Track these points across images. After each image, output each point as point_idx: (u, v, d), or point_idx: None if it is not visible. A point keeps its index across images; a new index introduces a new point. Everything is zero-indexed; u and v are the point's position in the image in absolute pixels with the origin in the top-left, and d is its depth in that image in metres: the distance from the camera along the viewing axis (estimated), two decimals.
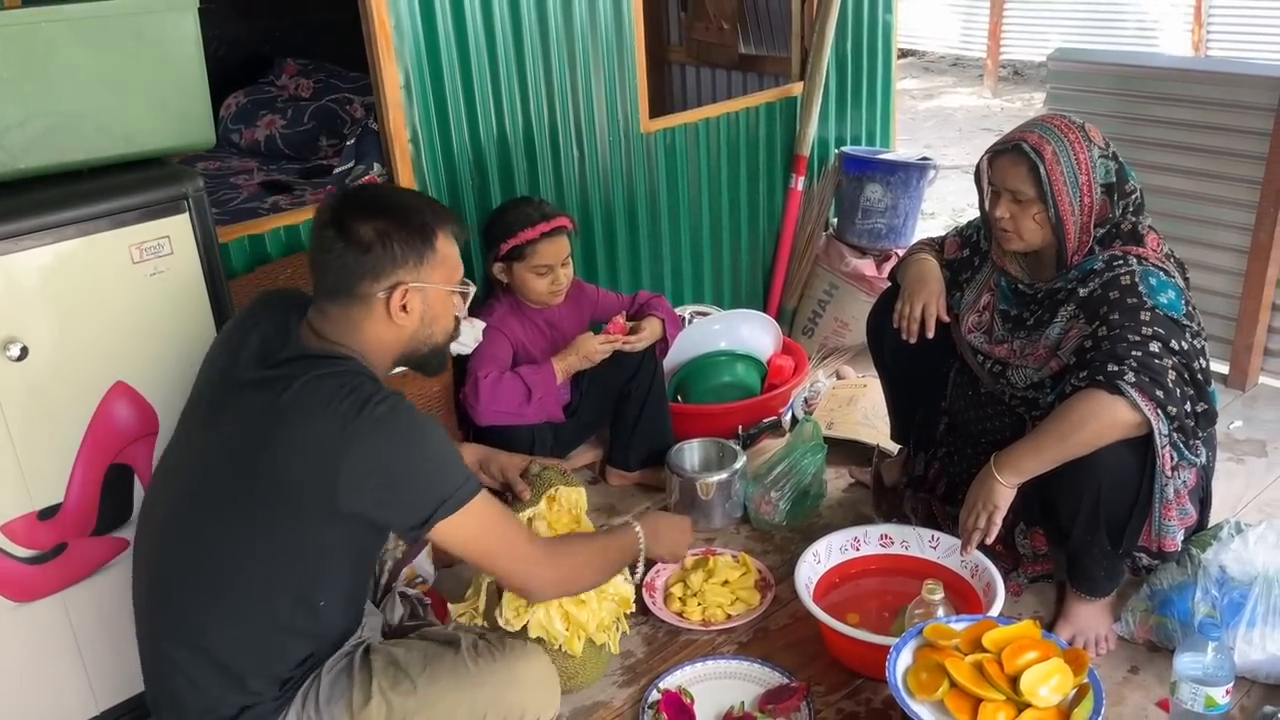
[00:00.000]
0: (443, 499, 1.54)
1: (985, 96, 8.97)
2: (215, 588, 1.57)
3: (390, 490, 1.51)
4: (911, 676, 1.76)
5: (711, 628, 2.33)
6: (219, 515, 1.56)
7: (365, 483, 1.49)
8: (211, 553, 1.57)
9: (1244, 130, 2.99)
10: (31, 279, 1.74)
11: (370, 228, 1.57)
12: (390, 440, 1.49)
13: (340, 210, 1.62)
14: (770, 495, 2.65)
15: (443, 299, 1.67)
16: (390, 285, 1.58)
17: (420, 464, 1.53)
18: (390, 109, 2.58)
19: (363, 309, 1.60)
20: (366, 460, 1.48)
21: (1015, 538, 2.32)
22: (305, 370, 1.53)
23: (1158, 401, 1.89)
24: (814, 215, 3.61)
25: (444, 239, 1.64)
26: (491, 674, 1.70)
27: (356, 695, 1.64)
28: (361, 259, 1.57)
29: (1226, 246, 3.10)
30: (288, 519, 1.53)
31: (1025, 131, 2.09)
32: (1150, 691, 2.08)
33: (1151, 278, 2.00)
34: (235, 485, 1.53)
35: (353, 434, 1.47)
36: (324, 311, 1.62)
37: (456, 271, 1.68)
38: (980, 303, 2.31)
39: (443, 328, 1.70)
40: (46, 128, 1.76)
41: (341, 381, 1.52)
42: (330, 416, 1.48)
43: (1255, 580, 2.04)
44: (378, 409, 1.49)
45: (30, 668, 1.89)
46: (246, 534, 1.54)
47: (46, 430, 1.81)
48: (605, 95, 2.99)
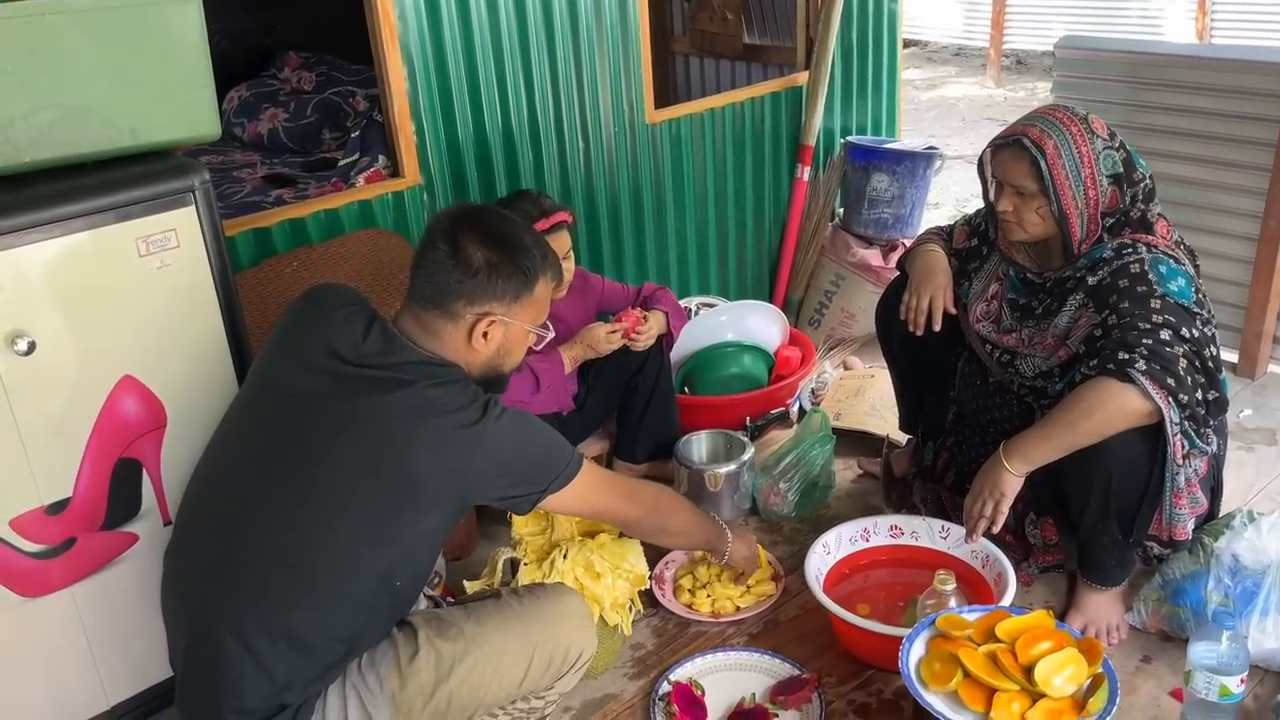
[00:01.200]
0: (554, 477, 1.70)
1: (988, 86, 8.94)
2: (310, 573, 1.58)
3: (510, 481, 1.67)
4: (925, 667, 1.75)
5: (721, 619, 2.32)
6: (328, 503, 1.58)
7: (490, 479, 1.64)
8: (311, 539, 1.58)
9: (1253, 117, 2.97)
10: (38, 273, 1.73)
11: (483, 254, 1.65)
12: (512, 439, 1.64)
13: (459, 225, 1.68)
14: (779, 486, 2.64)
15: (521, 336, 1.75)
16: (481, 313, 1.66)
17: (536, 455, 1.69)
18: (395, 101, 2.57)
19: (448, 324, 1.67)
20: (491, 459, 1.62)
21: (1026, 527, 2.31)
22: (423, 375, 1.61)
23: (1169, 390, 1.88)
24: (820, 205, 3.60)
25: (543, 284, 1.73)
26: (537, 610, 1.77)
27: (403, 650, 1.67)
28: (464, 280, 1.64)
29: (1236, 234, 3.08)
30: (407, 509, 1.59)
31: (1027, 125, 2.07)
32: (1163, 681, 2.07)
33: (1161, 265, 1.99)
34: (354, 476, 1.57)
35: (480, 437, 1.59)
36: (414, 314, 1.69)
37: (542, 313, 1.77)
38: (989, 292, 2.30)
39: (514, 360, 1.78)
40: (51, 121, 1.75)
41: (459, 388, 1.63)
42: (459, 421, 1.58)
43: (1268, 569, 2.03)
44: (496, 413, 1.61)
45: (40, 662, 1.89)
46: (359, 521, 1.58)
47: (54, 425, 1.80)
48: (610, 86, 2.98)
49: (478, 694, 1.70)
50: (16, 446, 1.77)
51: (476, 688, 1.69)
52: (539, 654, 1.73)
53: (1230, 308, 3.11)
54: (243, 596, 1.59)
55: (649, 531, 1.99)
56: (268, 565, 1.59)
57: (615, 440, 2.90)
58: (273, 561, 1.59)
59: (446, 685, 1.67)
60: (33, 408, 1.77)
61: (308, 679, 1.61)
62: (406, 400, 1.58)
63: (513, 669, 1.71)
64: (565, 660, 1.77)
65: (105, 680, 1.98)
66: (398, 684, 1.65)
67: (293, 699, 1.60)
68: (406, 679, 1.65)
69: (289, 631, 1.57)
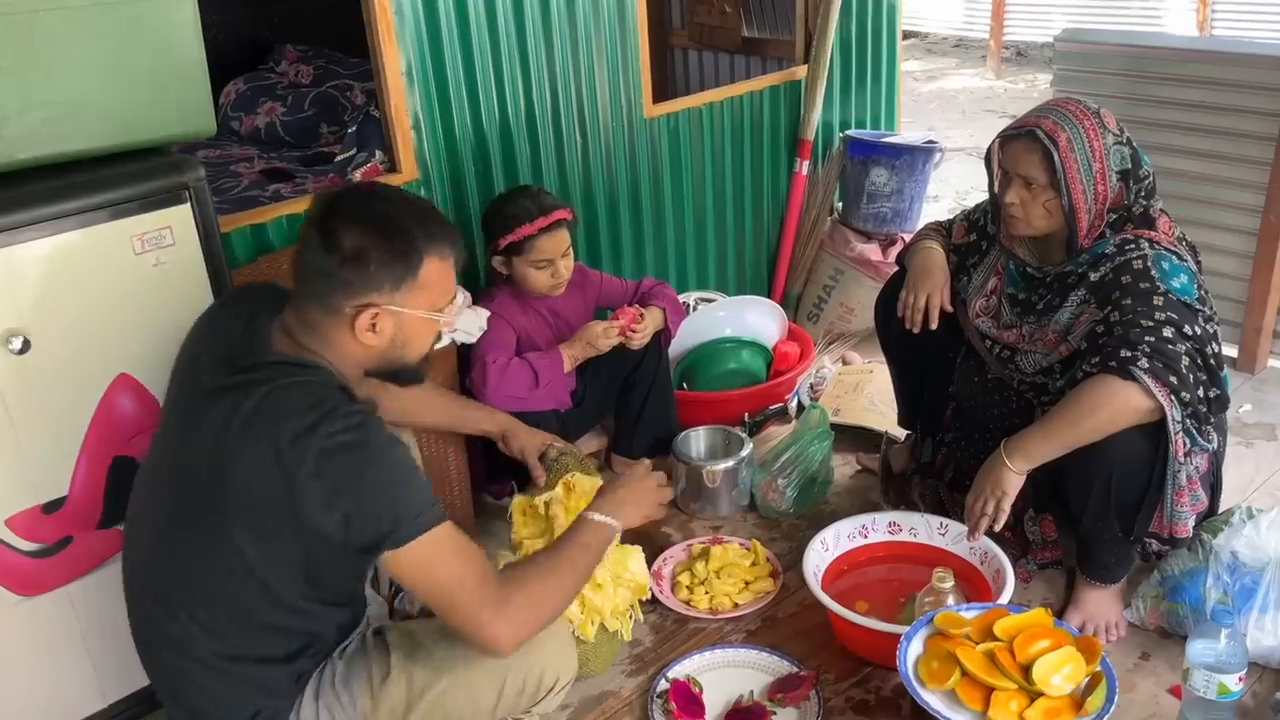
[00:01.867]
0: (389, 530, 1.45)
1: (988, 78, 8.92)
2: (207, 601, 1.53)
3: (345, 511, 1.43)
4: (923, 665, 1.75)
5: (719, 616, 2.32)
6: (195, 532, 1.51)
7: (324, 500, 1.42)
8: (196, 567, 1.53)
9: (1253, 111, 2.96)
10: (33, 271, 1.72)
11: (353, 239, 1.48)
12: (346, 459, 1.43)
13: (329, 211, 1.52)
14: (777, 483, 2.64)
15: (419, 324, 1.57)
16: (360, 304, 1.50)
17: (373, 488, 1.44)
18: (391, 95, 2.55)
19: (332, 320, 1.52)
20: (323, 477, 1.42)
21: (1024, 524, 2.31)
22: (271, 378, 1.47)
23: (1171, 387, 1.88)
24: (819, 200, 3.58)
25: (433, 264, 1.53)
26: None
27: (375, 671, 1.63)
28: (336, 270, 1.48)
29: (1235, 228, 3.07)
30: (256, 533, 1.47)
31: (1040, 116, 2.05)
32: (1161, 678, 2.07)
33: (1164, 262, 1.98)
34: (206, 500, 1.48)
35: (310, 450, 1.41)
36: (298, 312, 1.56)
37: (442, 296, 1.58)
38: (988, 287, 2.29)
39: (416, 350, 1.62)
40: (45, 118, 1.74)
41: (306, 392, 1.46)
42: (290, 430, 1.42)
43: (1267, 566, 2.03)
44: (336, 425, 1.42)
45: (37, 661, 1.88)
46: (224, 549, 1.48)
47: (50, 423, 1.79)
48: (608, 80, 2.96)
49: (451, 717, 1.65)
50: (12, 445, 1.76)
51: (449, 713, 1.64)
52: (511, 680, 1.65)
53: (1230, 302, 3.10)
54: (168, 625, 1.57)
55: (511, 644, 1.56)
56: (176, 596, 1.56)
57: (614, 435, 2.90)
58: (179, 592, 1.56)
59: (418, 709, 1.62)
60: (28, 406, 1.76)
61: (261, 693, 1.58)
62: (242, 410, 1.44)
63: (485, 695, 1.65)
64: (540, 686, 1.69)
65: (102, 678, 1.97)
66: (369, 706, 1.61)
67: (265, 709, 1.59)
68: (378, 701, 1.62)
69: (210, 657, 1.55)
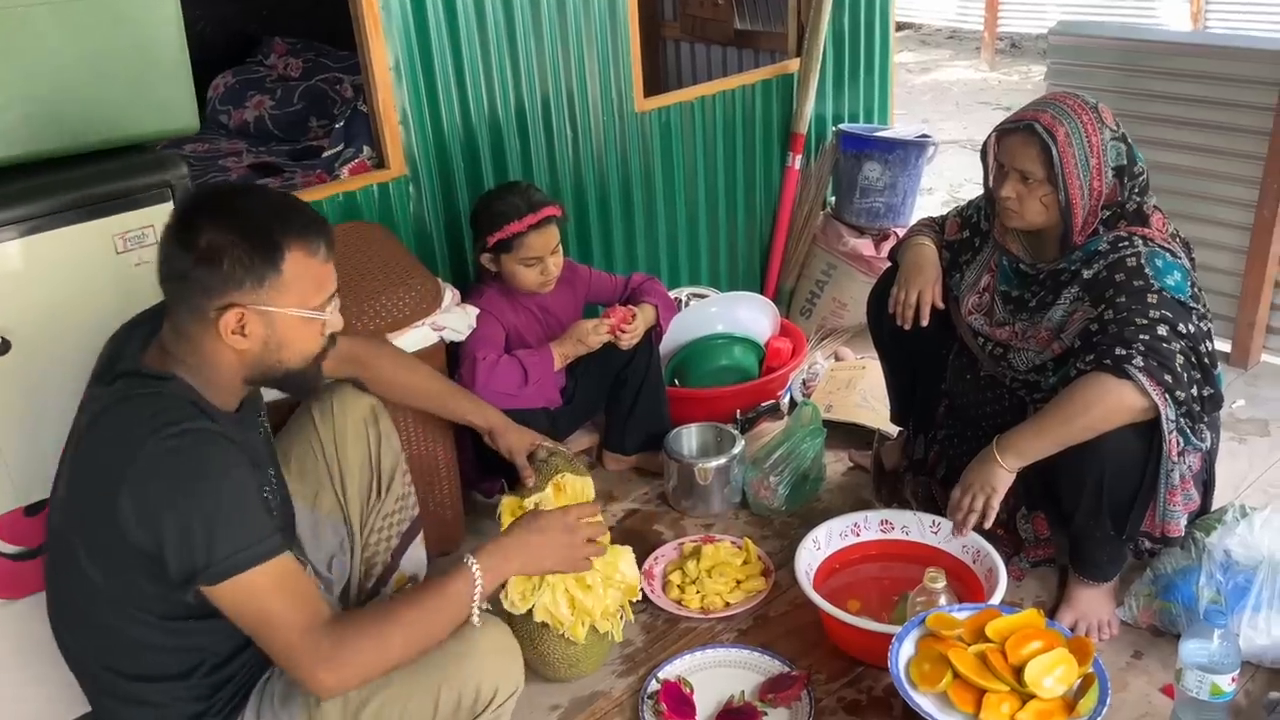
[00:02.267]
0: (203, 564, 1.37)
1: (982, 70, 8.89)
2: (79, 619, 1.54)
3: (158, 534, 1.37)
4: (914, 667, 1.74)
5: (711, 615, 2.30)
6: (67, 548, 1.49)
7: (142, 518, 1.37)
8: (62, 586, 1.54)
9: (1248, 105, 2.95)
10: (12, 271, 1.70)
11: (207, 237, 1.40)
12: (168, 476, 1.37)
13: (188, 210, 1.45)
14: (769, 480, 2.62)
15: (293, 324, 1.48)
16: (221, 306, 1.42)
17: (190, 515, 1.36)
18: (379, 90, 2.53)
19: (198, 325, 1.45)
20: (142, 492, 1.36)
21: (1017, 522, 2.30)
22: (120, 391, 1.43)
23: (1165, 386, 1.86)
24: (811, 194, 3.57)
25: (297, 257, 1.45)
26: (442, 649, 1.56)
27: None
28: (192, 271, 1.41)
29: (1229, 223, 3.06)
30: (97, 550, 1.43)
31: (1038, 110, 2.03)
32: (1154, 677, 2.06)
33: (1158, 259, 1.96)
34: (64, 521, 1.49)
35: (133, 461, 1.36)
36: (170, 322, 1.49)
37: (315, 293, 1.49)
38: (980, 284, 2.28)
39: (297, 352, 1.52)
40: (24, 115, 1.72)
41: (145, 404, 1.41)
42: (119, 442, 1.38)
43: (1260, 564, 2.02)
44: (167, 441, 1.37)
45: (19, 665, 1.86)
46: (76, 567, 1.47)
47: (32, 425, 1.77)
48: (599, 73, 2.94)
49: None
50: None
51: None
52: (445, 695, 1.55)
53: (1223, 297, 3.09)
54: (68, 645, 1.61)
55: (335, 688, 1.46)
56: (66, 619, 1.58)
57: (605, 432, 2.88)
58: (67, 614, 1.57)
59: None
60: (9, 407, 1.74)
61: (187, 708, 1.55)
62: (86, 423, 1.42)
63: (420, 711, 1.55)
64: (478, 699, 1.58)
65: None
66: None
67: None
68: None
69: (112, 681, 1.55)
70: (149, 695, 1.54)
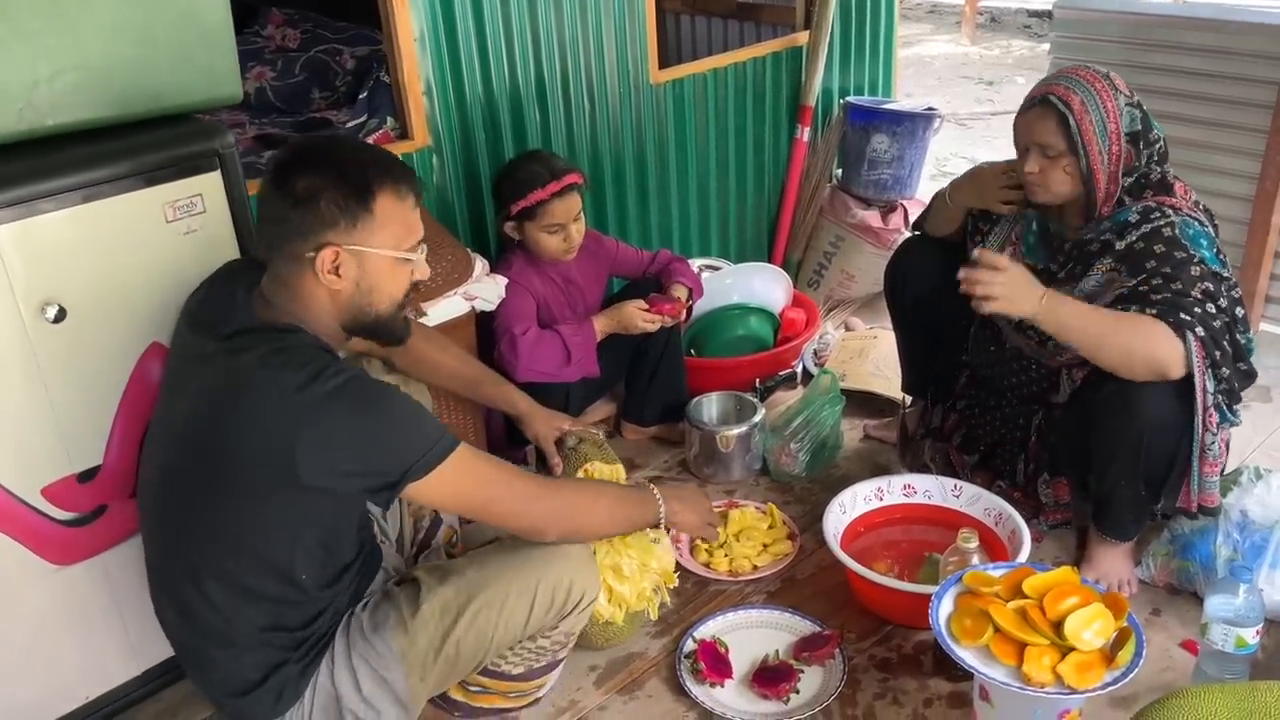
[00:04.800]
0: (411, 462, 1.49)
1: (963, 44, 8.95)
2: (198, 568, 1.56)
3: (351, 460, 1.47)
4: (955, 623, 1.79)
5: (739, 578, 2.35)
6: (188, 497, 1.54)
7: (325, 455, 1.44)
8: (187, 533, 1.56)
9: (1251, 79, 3.01)
10: (66, 240, 1.70)
11: (304, 182, 1.48)
12: (344, 410, 1.45)
13: (283, 162, 1.54)
14: (790, 447, 2.67)
15: (383, 265, 1.55)
16: (318, 245, 1.49)
17: (379, 431, 1.48)
18: (404, 60, 2.53)
19: (296, 269, 1.52)
20: (321, 432, 1.43)
21: (1039, 486, 2.35)
22: (255, 344, 1.48)
23: (1212, 361, 1.93)
24: (819, 166, 3.60)
25: (388, 200, 1.52)
26: (537, 550, 1.69)
27: (405, 608, 1.65)
28: (290, 214, 1.49)
29: (1232, 195, 3.12)
30: (249, 494, 1.49)
31: (1051, 85, 2.07)
32: (1172, 633, 2.13)
33: (1189, 228, 2.01)
34: (196, 466, 1.51)
35: (304, 407, 1.43)
36: (270, 272, 1.57)
37: (406, 236, 1.57)
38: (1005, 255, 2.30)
39: (387, 295, 1.58)
40: (75, 83, 1.72)
41: (291, 355, 1.47)
42: (281, 391, 1.43)
43: (1276, 524, 2.09)
44: (329, 382, 1.44)
45: (72, 629, 1.89)
46: (214, 512, 1.52)
47: (84, 392, 1.78)
48: (615, 45, 2.95)
49: (485, 638, 1.67)
50: (47, 415, 1.75)
51: (484, 632, 1.66)
52: (541, 592, 1.67)
53: None
54: (171, 592, 1.63)
55: (557, 538, 1.70)
56: (172, 564, 1.61)
57: (623, 402, 2.91)
58: (174, 560, 1.61)
59: (454, 634, 1.65)
60: (63, 376, 1.75)
61: (265, 665, 1.60)
62: (231, 374, 1.47)
63: (517, 610, 1.67)
64: (569, 598, 1.71)
65: (136, 646, 1.98)
66: (406, 643, 1.64)
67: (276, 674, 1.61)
68: (415, 635, 1.64)
69: (208, 627, 1.59)
70: (247, 645, 1.59)
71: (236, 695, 1.62)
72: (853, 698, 2.03)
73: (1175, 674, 2.03)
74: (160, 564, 1.66)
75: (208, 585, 1.56)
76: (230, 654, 1.60)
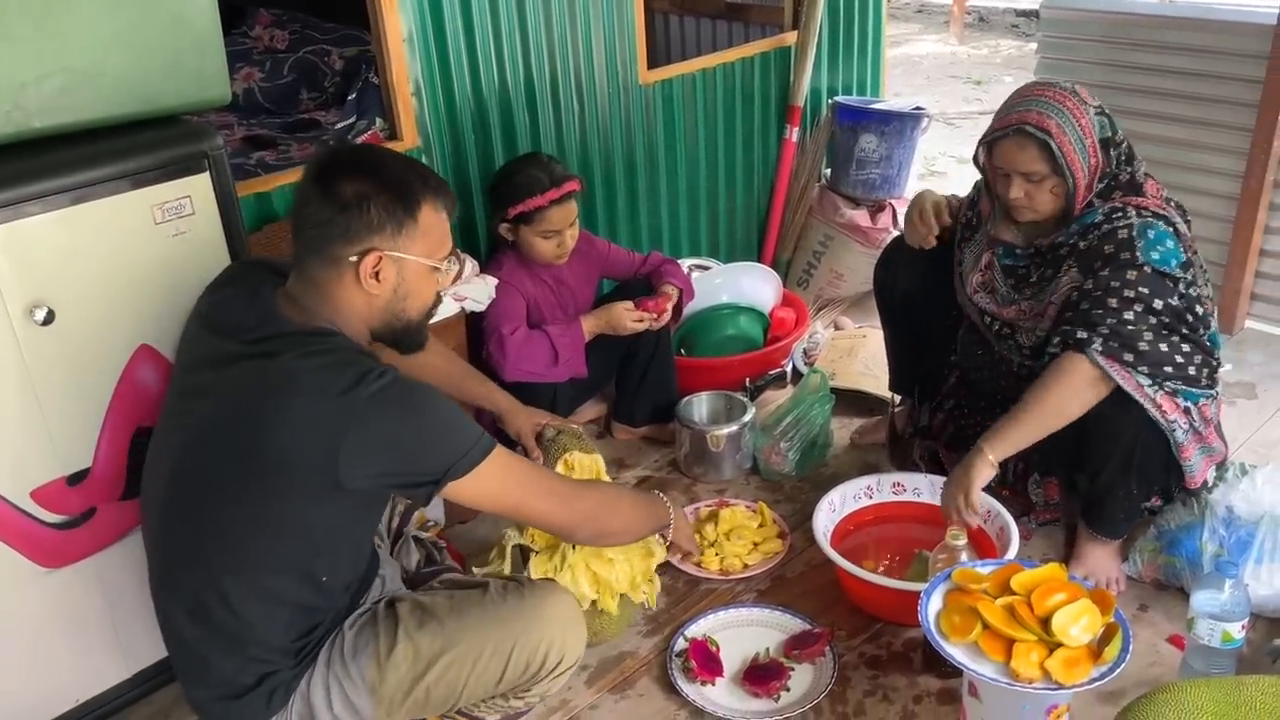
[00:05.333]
0: (451, 462, 1.52)
1: (951, 44, 8.99)
2: (216, 568, 1.55)
3: (395, 462, 1.49)
4: (944, 619, 1.80)
5: (730, 577, 2.36)
6: (213, 497, 1.54)
7: (369, 457, 1.46)
8: (208, 534, 1.55)
9: (1236, 78, 3.03)
10: (54, 242, 1.70)
11: (352, 187, 1.50)
12: (390, 412, 1.47)
13: (327, 165, 1.56)
14: (780, 446, 2.68)
15: (420, 273, 1.58)
16: (363, 250, 1.51)
17: (423, 432, 1.51)
18: (393, 61, 2.53)
19: (334, 273, 1.54)
20: (368, 435, 1.45)
21: (1029, 486, 2.37)
22: (292, 346, 1.49)
23: (1127, 364, 1.96)
24: (808, 166, 3.61)
25: (429, 211, 1.56)
26: (519, 610, 1.69)
27: (382, 644, 1.65)
28: (336, 218, 1.50)
29: (1217, 193, 3.15)
30: (285, 496, 1.50)
31: (1023, 111, 2.05)
32: (1159, 628, 2.15)
33: (1150, 230, 2.01)
34: (228, 466, 1.50)
35: (351, 410, 1.44)
36: (300, 275, 1.58)
37: (440, 247, 1.60)
38: (982, 262, 2.31)
39: (419, 303, 1.62)
40: (62, 86, 1.71)
41: (333, 358, 1.49)
42: (326, 393, 1.44)
43: (1262, 519, 2.11)
44: (374, 384, 1.46)
45: (63, 632, 1.88)
46: (242, 514, 1.52)
47: (74, 395, 1.78)
48: (604, 46, 2.96)
49: (455, 690, 1.67)
50: (36, 417, 1.74)
51: (453, 684, 1.66)
52: (516, 656, 1.67)
53: (1210, 266, 3.13)
54: (178, 592, 1.62)
55: (586, 538, 1.81)
56: (185, 564, 1.60)
57: (614, 402, 2.92)
58: (188, 559, 1.59)
59: (425, 681, 1.65)
60: (52, 378, 1.75)
61: (261, 671, 1.60)
62: (270, 376, 1.47)
63: (489, 670, 1.67)
64: (545, 664, 1.70)
65: (126, 649, 1.97)
66: (376, 678, 1.63)
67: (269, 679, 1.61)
68: (385, 672, 1.63)
69: (216, 627, 1.57)
70: (256, 653, 1.59)
71: (230, 698, 1.61)
72: (843, 695, 2.04)
73: (1162, 669, 2.05)
74: (170, 566, 1.63)
75: (227, 586, 1.55)
76: (236, 659, 1.59)
